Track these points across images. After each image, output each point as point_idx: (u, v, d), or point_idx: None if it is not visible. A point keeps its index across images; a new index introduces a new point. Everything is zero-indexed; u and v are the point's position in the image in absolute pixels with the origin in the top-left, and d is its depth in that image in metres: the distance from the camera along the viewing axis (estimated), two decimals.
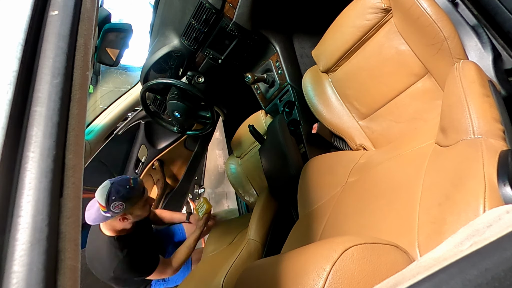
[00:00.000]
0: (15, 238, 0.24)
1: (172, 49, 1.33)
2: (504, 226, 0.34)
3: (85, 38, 0.36)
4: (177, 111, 1.43)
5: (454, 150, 0.62)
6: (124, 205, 1.20)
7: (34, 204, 0.25)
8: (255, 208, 1.32)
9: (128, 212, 1.24)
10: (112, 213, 1.20)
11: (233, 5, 1.20)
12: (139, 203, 1.27)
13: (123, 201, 1.19)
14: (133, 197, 1.24)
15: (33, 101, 0.29)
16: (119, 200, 1.18)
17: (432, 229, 0.54)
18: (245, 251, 1.17)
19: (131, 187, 1.23)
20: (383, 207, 0.71)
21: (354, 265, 0.44)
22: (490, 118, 0.60)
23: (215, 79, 1.49)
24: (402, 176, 0.74)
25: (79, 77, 0.33)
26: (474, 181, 0.52)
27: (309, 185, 1.06)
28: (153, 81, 1.34)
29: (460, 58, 0.74)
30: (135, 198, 1.25)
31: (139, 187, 1.27)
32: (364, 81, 1.02)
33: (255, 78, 1.33)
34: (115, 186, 1.20)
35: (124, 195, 1.20)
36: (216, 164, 2.77)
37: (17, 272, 0.23)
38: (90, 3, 0.38)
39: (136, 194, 1.25)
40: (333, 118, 1.14)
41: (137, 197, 1.25)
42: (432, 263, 0.33)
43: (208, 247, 1.51)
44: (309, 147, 1.25)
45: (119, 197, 1.18)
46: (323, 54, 1.12)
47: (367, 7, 0.92)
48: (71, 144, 0.30)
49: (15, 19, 0.32)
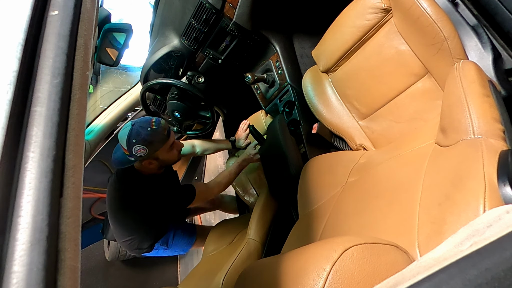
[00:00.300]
0: (15, 238, 0.24)
1: (172, 49, 1.33)
2: (504, 226, 0.34)
3: (85, 38, 0.36)
4: (177, 111, 1.43)
5: (454, 150, 0.62)
6: (146, 149, 1.12)
7: (34, 204, 0.25)
8: (255, 208, 1.32)
9: (153, 157, 1.16)
10: (136, 157, 1.13)
11: (233, 5, 1.20)
12: (163, 147, 1.17)
13: (145, 144, 1.11)
14: (156, 141, 1.14)
15: (33, 101, 0.29)
16: (141, 143, 1.10)
17: (432, 229, 0.54)
18: (245, 251, 1.17)
19: (153, 130, 1.12)
20: (383, 207, 0.71)
21: (354, 265, 0.44)
22: (490, 118, 0.60)
23: (215, 79, 1.49)
24: (402, 176, 0.74)
25: (79, 77, 0.33)
26: (474, 181, 0.52)
27: (309, 185, 1.06)
28: (153, 81, 1.34)
29: (460, 58, 0.74)
30: (158, 142, 1.15)
31: (162, 130, 1.16)
32: (364, 81, 1.02)
33: (255, 78, 1.33)
34: (135, 127, 1.11)
35: (145, 138, 1.11)
36: (216, 164, 2.77)
37: (17, 272, 0.23)
38: (90, 3, 0.38)
39: (159, 138, 1.15)
40: (333, 118, 1.14)
41: (160, 141, 1.15)
42: (432, 263, 0.33)
43: (208, 247, 1.51)
44: (309, 147, 1.25)
45: (140, 140, 1.10)
46: (323, 54, 1.12)
47: (367, 7, 0.92)
48: (71, 144, 0.30)
49: (15, 19, 0.32)
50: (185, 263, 2.92)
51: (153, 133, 1.12)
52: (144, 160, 1.17)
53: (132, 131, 1.11)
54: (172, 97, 1.41)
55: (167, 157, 1.22)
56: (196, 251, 2.66)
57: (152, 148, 1.14)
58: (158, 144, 1.15)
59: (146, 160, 1.17)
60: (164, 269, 2.95)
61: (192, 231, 1.59)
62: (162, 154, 1.19)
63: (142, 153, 1.12)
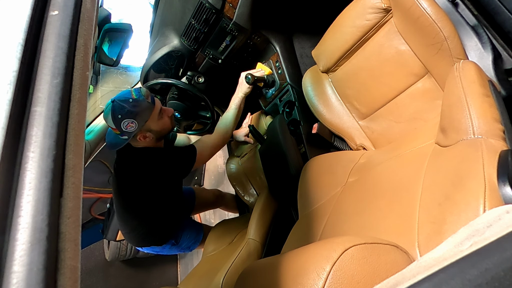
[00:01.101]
0: (15, 238, 0.24)
1: (172, 49, 1.33)
2: (504, 226, 0.34)
3: (85, 38, 0.36)
4: (177, 111, 1.43)
5: (454, 150, 0.62)
6: (135, 122, 1.06)
7: (34, 204, 0.25)
8: (255, 208, 1.32)
9: (145, 129, 1.11)
10: (128, 134, 1.07)
11: (233, 5, 1.20)
12: (152, 116, 1.11)
13: (132, 117, 1.05)
14: (142, 111, 1.07)
15: (33, 101, 0.29)
16: (127, 117, 1.04)
17: (432, 229, 0.54)
18: (245, 251, 1.17)
19: (135, 100, 1.06)
20: (383, 207, 0.71)
21: (354, 265, 0.44)
22: (490, 118, 0.60)
23: (215, 79, 1.49)
24: (402, 176, 0.74)
25: (79, 77, 0.33)
26: (474, 181, 0.52)
27: (309, 185, 1.06)
28: (153, 81, 1.34)
29: (460, 58, 0.74)
30: (145, 111, 1.08)
31: (145, 97, 1.09)
32: (364, 81, 1.02)
33: (255, 78, 1.33)
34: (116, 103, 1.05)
35: (130, 110, 1.05)
36: (216, 164, 2.77)
37: (17, 272, 0.23)
38: (90, 3, 0.38)
39: (144, 106, 1.08)
40: (333, 118, 1.14)
41: (146, 110, 1.09)
42: (432, 263, 0.33)
43: (208, 247, 1.51)
44: (309, 147, 1.25)
45: (125, 113, 1.04)
46: (323, 54, 1.12)
47: (367, 7, 0.92)
48: (71, 144, 0.30)
49: (15, 19, 0.32)
50: (185, 263, 2.92)
51: (136, 103, 1.06)
52: (137, 135, 1.12)
53: (115, 107, 1.05)
54: (172, 97, 1.42)
55: (160, 126, 1.16)
56: (196, 251, 2.66)
57: (141, 119, 1.08)
58: (145, 113, 1.09)
59: (140, 134, 1.12)
60: (164, 269, 2.95)
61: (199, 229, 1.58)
62: (153, 123, 1.13)
63: (132, 127, 1.06)
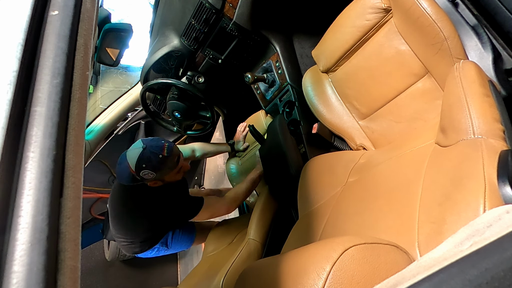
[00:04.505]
0: (15, 238, 0.24)
1: (172, 49, 1.33)
2: (504, 226, 0.34)
3: (85, 38, 0.36)
4: (177, 111, 1.43)
5: (454, 150, 0.62)
6: (154, 175, 1.12)
7: (34, 204, 0.25)
8: (255, 208, 1.32)
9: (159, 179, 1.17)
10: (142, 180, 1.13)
11: (233, 5, 1.20)
12: (171, 173, 1.18)
13: (154, 171, 1.11)
14: (165, 168, 1.14)
15: (33, 101, 0.29)
16: (150, 169, 1.10)
17: (432, 229, 0.54)
18: (245, 251, 1.17)
19: (164, 157, 1.12)
20: (383, 207, 0.71)
21: (354, 265, 0.44)
22: (490, 118, 0.60)
23: (215, 79, 1.49)
24: (402, 176, 0.74)
25: (79, 77, 0.33)
26: (474, 181, 0.52)
27: (309, 185, 1.06)
28: (153, 81, 1.34)
29: (460, 58, 0.74)
30: (167, 169, 1.15)
31: (172, 157, 1.16)
32: (364, 81, 1.02)
33: (255, 78, 1.33)
34: (147, 152, 1.10)
35: (156, 165, 1.10)
36: (216, 164, 2.77)
37: (17, 272, 0.23)
38: (90, 3, 0.38)
39: (169, 165, 1.15)
40: (333, 118, 1.14)
41: (169, 168, 1.16)
42: (432, 263, 0.33)
43: (208, 247, 1.51)
44: (309, 147, 1.25)
45: (150, 166, 1.09)
46: (323, 54, 1.12)
47: (367, 7, 0.92)
48: (71, 144, 0.30)
49: (15, 19, 0.32)
50: (185, 263, 2.92)
51: (164, 161, 1.12)
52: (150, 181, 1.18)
53: (144, 156, 1.09)
54: (172, 97, 1.41)
55: (172, 179, 1.23)
56: (196, 251, 2.66)
57: (161, 174, 1.14)
58: (167, 171, 1.16)
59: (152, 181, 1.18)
60: (164, 269, 2.95)
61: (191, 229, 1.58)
62: (168, 177, 1.20)
63: (150, 177, 1.12)
